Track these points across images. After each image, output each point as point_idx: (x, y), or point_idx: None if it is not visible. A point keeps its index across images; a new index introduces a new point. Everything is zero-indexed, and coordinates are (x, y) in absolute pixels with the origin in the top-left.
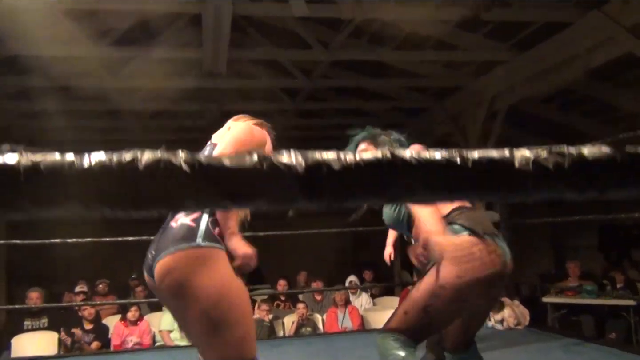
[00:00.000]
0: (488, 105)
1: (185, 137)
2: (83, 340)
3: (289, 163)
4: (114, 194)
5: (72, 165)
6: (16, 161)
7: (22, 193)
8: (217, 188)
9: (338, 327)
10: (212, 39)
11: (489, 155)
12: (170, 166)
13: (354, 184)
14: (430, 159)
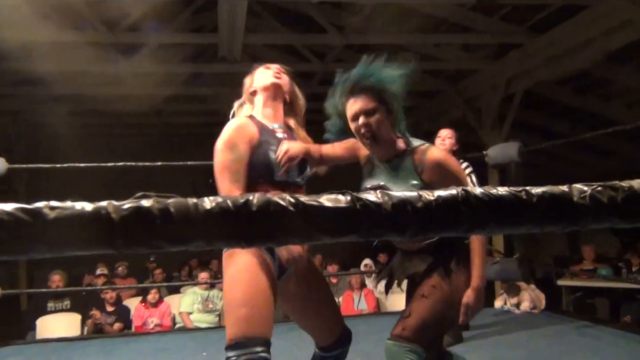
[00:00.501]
0: (503, 88)
1: (199, 121)
2: (105, 321)
3: (377, 201)
4: (231, 231)
5: (197, 207)
6: (150, 205)
7: (158, 233)
8: (317, 226)
9: (354, 310)
10: (227, 24)
11: (551, 191)
12: (278, 207)
13: (434, 219)
14: (499, 195)
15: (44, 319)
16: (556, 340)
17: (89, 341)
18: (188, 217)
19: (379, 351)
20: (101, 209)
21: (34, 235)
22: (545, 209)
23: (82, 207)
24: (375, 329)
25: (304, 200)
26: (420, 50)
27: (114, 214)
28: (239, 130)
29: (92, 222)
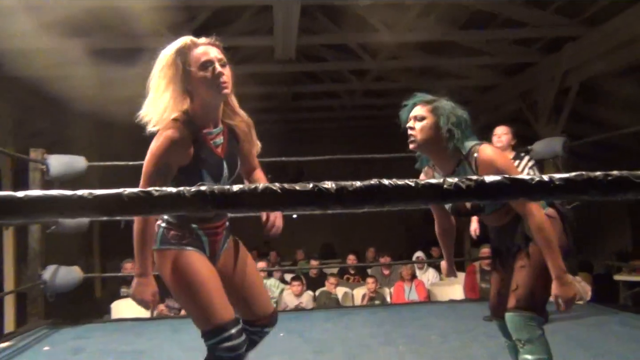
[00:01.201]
0: (559, 81)
1: (256, 118)
2: (173, 306)
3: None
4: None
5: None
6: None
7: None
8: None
9: (405, 299)
10: (282, 27)
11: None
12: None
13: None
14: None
15: (118, 302)
16: (596, 328)
17: (159, 321)
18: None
19: (423, 335)
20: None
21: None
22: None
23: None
24: (422, 315)
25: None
26: (473, 45)
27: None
28: (174, 146)
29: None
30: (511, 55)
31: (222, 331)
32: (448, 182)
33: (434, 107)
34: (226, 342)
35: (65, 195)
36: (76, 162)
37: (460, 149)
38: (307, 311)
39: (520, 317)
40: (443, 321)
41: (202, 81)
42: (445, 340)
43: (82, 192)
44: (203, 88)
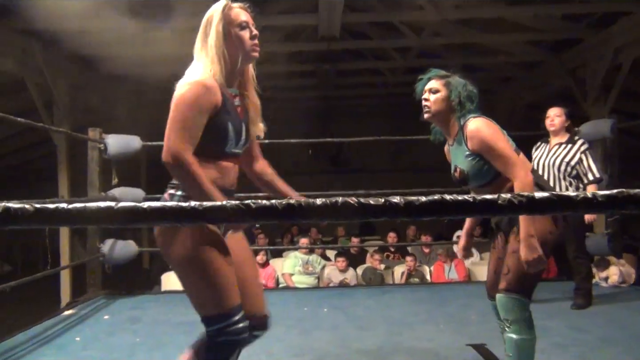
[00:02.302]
0: (611, 58)
1: (297, 96)
2: None
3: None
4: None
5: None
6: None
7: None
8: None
9: (444, 278)
10: (327, 5)
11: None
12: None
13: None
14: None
15: (167, 275)
16: (638, 312)
17: None
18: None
19: (463, 314)
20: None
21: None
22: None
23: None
24: (462, 295)
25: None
26: (520, 21)
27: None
28: (207, 93)
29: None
30: (559, 32)
31: (230, 316)
32: (502, 197)
33: (447, 82)
34: (233, 326)
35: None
36: (132, 142)
37: (461, 120)
38: (350, 288)
39: (509, 299)
40: (483, 301)
41: (240, 41)
42: (485, 319)
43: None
44: (237, 48)
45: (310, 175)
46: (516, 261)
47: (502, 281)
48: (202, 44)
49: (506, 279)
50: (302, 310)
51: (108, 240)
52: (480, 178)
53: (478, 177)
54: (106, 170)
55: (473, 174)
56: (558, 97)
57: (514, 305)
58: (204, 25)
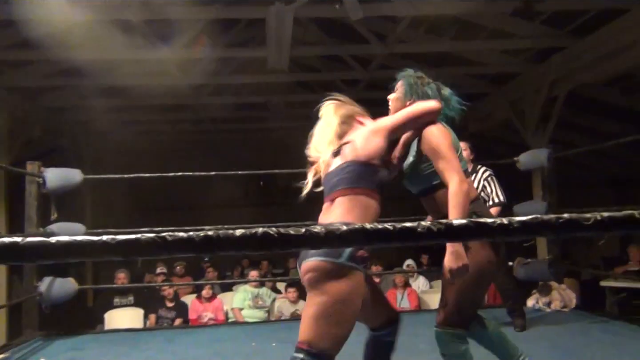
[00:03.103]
0: (547, 90)
1: (250, 127)
2: (166, 316)
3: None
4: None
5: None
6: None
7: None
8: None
9: (397, 308)
10: (275, 39)
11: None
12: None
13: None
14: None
15: (111, 312)
16: (580, 335)
17: (153, 332)
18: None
19: (411, 343)
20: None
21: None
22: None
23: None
24: (412, 324)
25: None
26: (464, 55)
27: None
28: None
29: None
30: (499, 65)
31: (331, 358)
32: (421, 225)
33: (403, 81)
34: None
35: (88, 241)
36: (72, 175)
37: None
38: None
39: (447, 334)
40: (432, 330)
41: None
42: (434, 348)
43: (106, 238)
44: None
45: (258, 207)
46: (455, 293)
47: (439, 314)
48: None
49: (443, 311)
50: (250, 345)
51: (46, 278)
52: (419, 182)
53: (417, 180)
54: (47, 205)
55: (413, 175)
56: (501, 128)
57: (451, 339)
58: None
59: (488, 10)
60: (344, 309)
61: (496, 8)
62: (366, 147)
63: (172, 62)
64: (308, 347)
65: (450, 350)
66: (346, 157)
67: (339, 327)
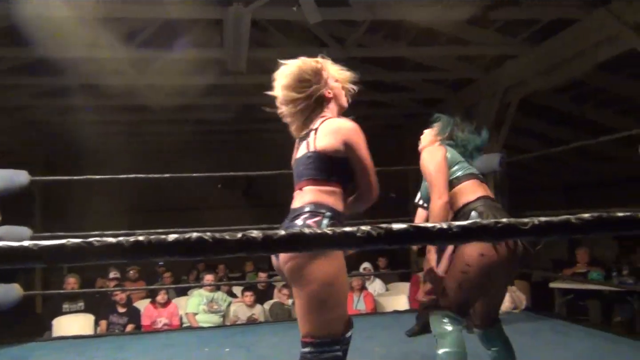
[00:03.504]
0: (501, 97)
1: (208, 129)
2: (118, 322)
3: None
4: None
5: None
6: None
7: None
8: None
9: (352, 310)
10: (232, 41)
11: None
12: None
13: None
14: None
15: (59, 319)
16: (529, 336)
17: (103, 338)
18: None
19: (366, 346)
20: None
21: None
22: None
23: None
24: (367, 327)
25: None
26: (421, 61)
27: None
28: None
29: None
30: (455, 71)
31: (338, 342)
32: (361, 230)
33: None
34: (337, 352)
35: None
36: (17, 177)
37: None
38: (257, 325)
39: (436, 314)
40: (387, 332)
41: None
42: (388, 351)
43: (28, 244)
44: None
45: (220, 210)
46: (452, 281)
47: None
48: None
49: (441, 296)
50: (203, 351)
51: None
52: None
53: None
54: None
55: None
56: None
57: (439, 320)
58: None
59: (445, 17)
60: (334, 291)
61: (453, 15)
62: (325, 141)
63: (127, 61)
64: (312, 339)
65: (437, 330)
66: (309, 147)
67: (336, 309)
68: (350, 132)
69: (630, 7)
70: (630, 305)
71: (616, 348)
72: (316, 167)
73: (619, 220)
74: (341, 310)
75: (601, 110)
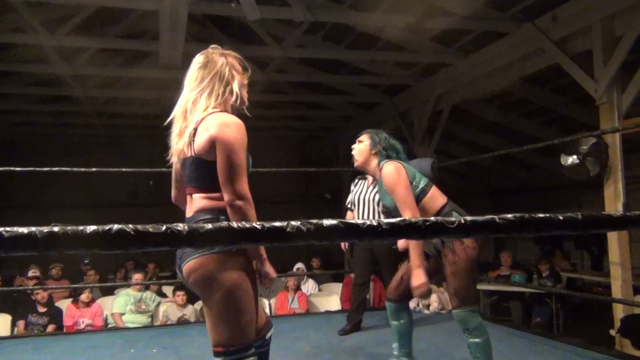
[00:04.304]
0: (434, 103)
1: (140, 124)
2: (37, 322)
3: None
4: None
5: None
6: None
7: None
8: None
9: (287, 309)
10: (168, 34)
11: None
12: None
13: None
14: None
15: None
16: (455, 336)
17: (20, 339)
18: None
19: (297, 346)
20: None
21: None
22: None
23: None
24: (300, 327)
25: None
26: (359, 65)
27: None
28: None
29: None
30: (391, 77)
31: (250, 347)
32: (291, 225)
33: (371, 135)
34: (252, 356)
35: None
36: None
37: (380, 164)
38: (187, 325)
39: (465, 312)
40: (319, 332)
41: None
42: (318, 351)
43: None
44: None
45: (148, 207)
46: (459, 280)
47: (452, 301)
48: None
49: (455, 298)
50: (129, 352)
51: None
52: (399, 213)
53: (397, 211)
54: None
55: (393, 207)
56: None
57: (470, 315)
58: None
59: (383, 22)
60: (242, 295)
61: (390, 21)
62: (201, 146)
63: (54, 50)
64: (224, 349)
65: (472, 324)
66: (191, 150)
67: (245, 314)
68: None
69: (555, 24)
70: (549, 306)
71: (536, 348)
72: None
73: (539, 220)
74: (249, 316)
75: (526, 120)
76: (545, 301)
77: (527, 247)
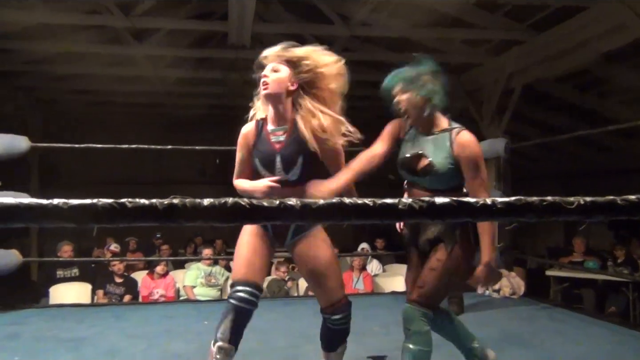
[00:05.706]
0: (504, 83)
1: (207, 103)
2: (115, 292)
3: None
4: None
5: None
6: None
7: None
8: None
9: (351, 289)
10: (237, 13)
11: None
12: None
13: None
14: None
15: (56, 287)
16: (527, 322)
17: (100, 307)
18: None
19: (365, 326)
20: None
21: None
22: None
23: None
24: (366, 306)
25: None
26: (425, 43)
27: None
28: (241, 136)
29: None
30: (459, 55)
31: (234, 284)
32: (402, 202)
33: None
34: (233, 294)
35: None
36: (17, 142)
37: (449, 119)
38: None
39: (416, 312)
40: (386, 312)
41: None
42: (387, 331)
43: (58, 202)
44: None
45: (215, 185)
46: (435, 278)
47: (414, 293)
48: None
49: (419, 292)
50: (202, 323)
51: None
52: (443, 182)
53: (442, 181)
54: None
55: (442, 174)
56: (459, 117)
57: (419, 317)
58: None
59: None
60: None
61: None
62: None
63: (126, 31)
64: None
65: (415, 327)
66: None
67: (236, 261)
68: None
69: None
70: (625, 295)
71: (616, 338)
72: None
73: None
74: (242, 261)
75: (602, 100)
76: (622, 290)
77: (599, 232)
